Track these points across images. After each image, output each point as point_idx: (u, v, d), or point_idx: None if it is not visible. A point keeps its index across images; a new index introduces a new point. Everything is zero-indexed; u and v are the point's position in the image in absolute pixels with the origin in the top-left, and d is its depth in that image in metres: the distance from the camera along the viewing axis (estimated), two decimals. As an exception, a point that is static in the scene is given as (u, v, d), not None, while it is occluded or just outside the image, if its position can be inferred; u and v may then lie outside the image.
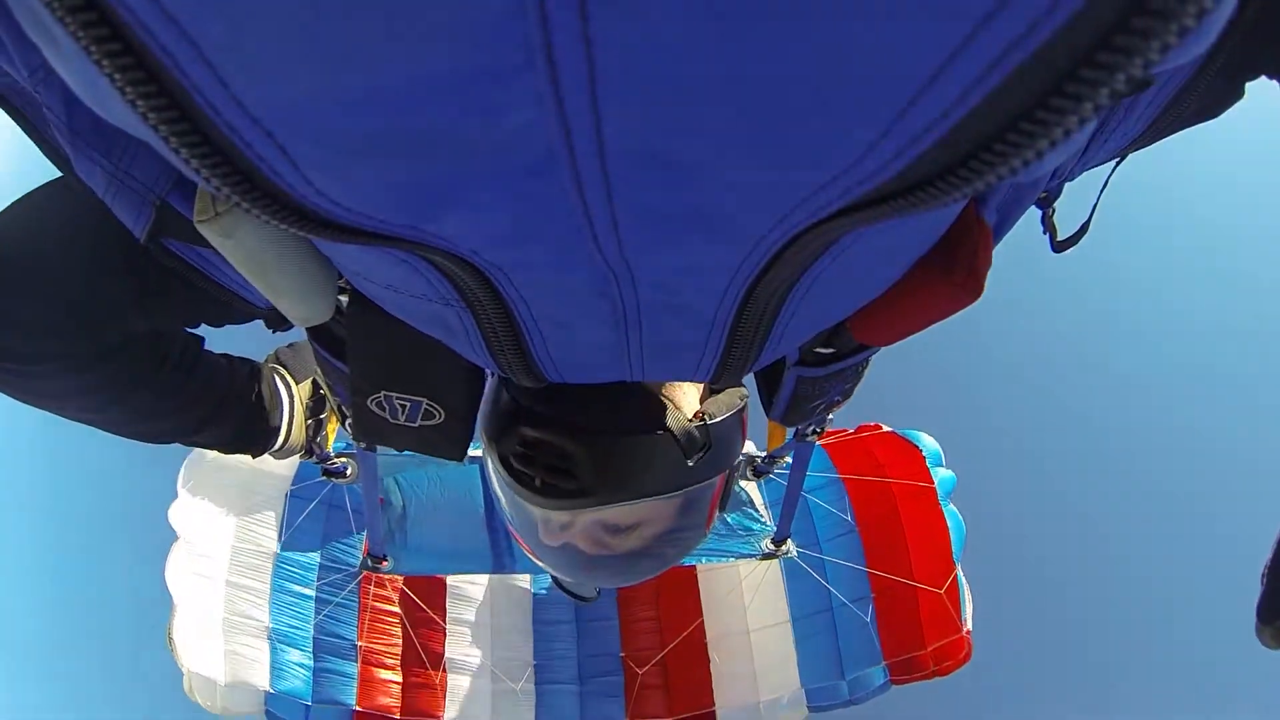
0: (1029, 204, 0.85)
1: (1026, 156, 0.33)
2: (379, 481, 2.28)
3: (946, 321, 0.79)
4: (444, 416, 1.00)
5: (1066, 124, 0.31)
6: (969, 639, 2.62)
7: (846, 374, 1.10)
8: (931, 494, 2.64)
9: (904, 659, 2.69)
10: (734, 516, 2.62)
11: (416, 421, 1.01)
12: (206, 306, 1.05)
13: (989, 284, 0.71)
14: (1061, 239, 1.04)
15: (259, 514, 2.60)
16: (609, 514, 0.92)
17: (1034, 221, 0.99)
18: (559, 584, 1.40)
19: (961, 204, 0.67)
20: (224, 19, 0.30)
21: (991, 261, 0.71)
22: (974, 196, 0.57)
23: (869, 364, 1.13)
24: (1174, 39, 0.26)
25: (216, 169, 0.38)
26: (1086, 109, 0.30)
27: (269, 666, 2.52)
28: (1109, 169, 0.92)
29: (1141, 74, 0.28)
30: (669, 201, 0.41)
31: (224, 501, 2.51)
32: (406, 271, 0.57)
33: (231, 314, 1.07)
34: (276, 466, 2.64)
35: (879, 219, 0.41)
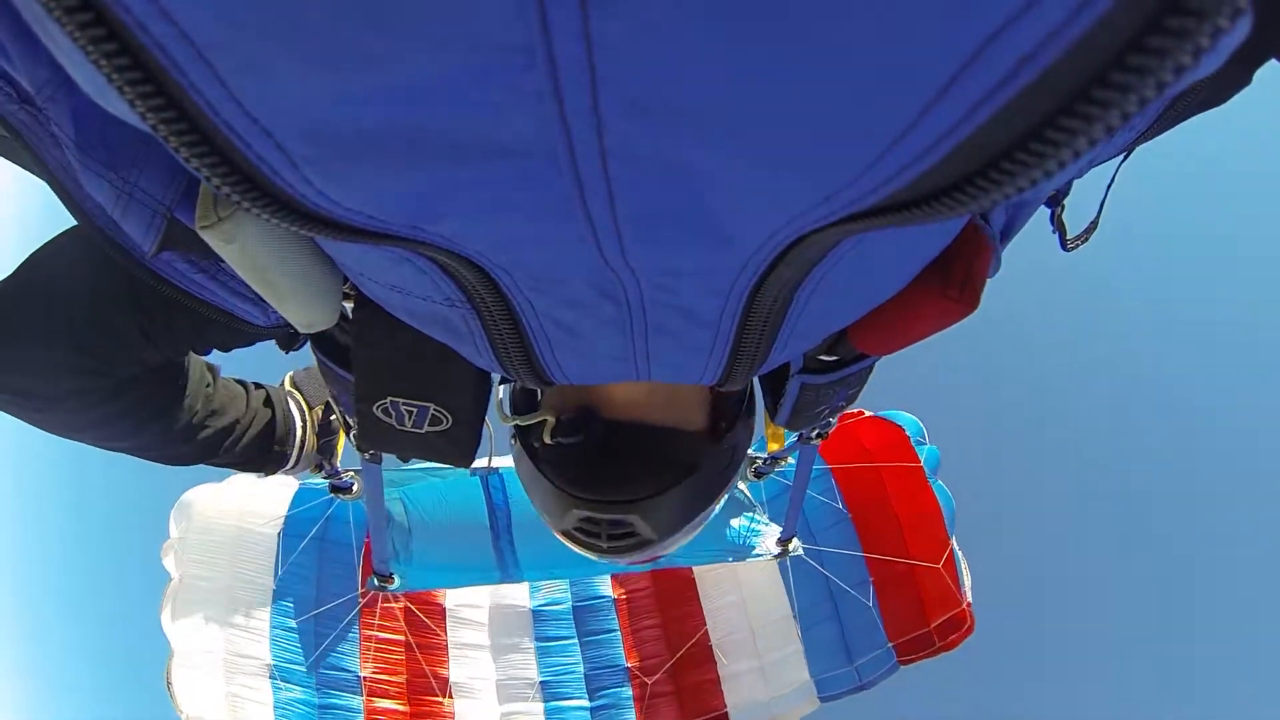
0: (1039, 204, 0.85)
1: (1034, 175, 0.32)
2: (385, 492, 2.26)
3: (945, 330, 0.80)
4: (451, 422, 0.98)
5: (1076, 145, 0.30)
6: (970, 610, 2.67)
7: (850, 380, 1.09)
8: (919, 473, 2.70)
9: (909, 638, 2.73)
10: (740, 523, 2.64)
11: (424, 427, 0.99)
12: (210, 332, 1.05)
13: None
14: (1071, 236, 1.02)
15: (253, 551, 2.56)
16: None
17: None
18: None
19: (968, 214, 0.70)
20: (221, 19, 0.30)
21: (989, 274, 0.71)
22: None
23: (872, 370, 1.12)
24: (1189, 59, 0.26)
25: (216, 168, 0.39)
26: (1097, 130, 0.29)
27: (272, 707, 2.45)
28: (1116, 164, 0.91)
29: (1155, 95, 0.27)
30: (670, 204, 0.41)
31: (217, 541, 2.47)
32: (411, 271, 0.57)
33: (235, 336, 1.07)
34: (268, 504, 2.61)
35: (880, 227, 0.41)
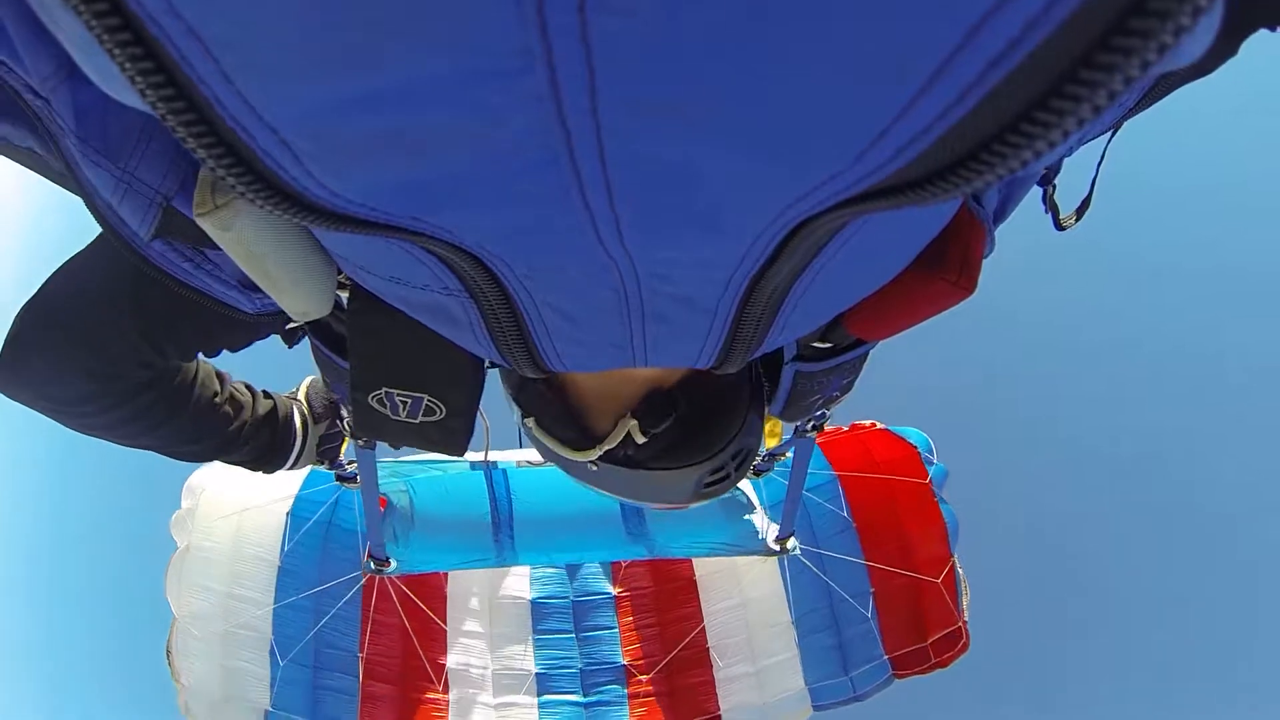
0: (1032, 184, 0.87)
1: (1025, 156, 0.34)
2: (389, 481, 2.27)
3: (939, 315, 0.81)
4: (445, 412, 1.00)
5: (1065, 125, 0.31)
6: (966, 628, 2.69)
7: (844, 369, 1.11)
8: (927, 489, 2.72)
9: (905, 652, 2.74)
10: (741, 519, 2.66)
11: (418, 417, 1.01)
12: (216, 331, 1.07)
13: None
14: (1064, 216, 1.03)
15: (261, 527, 2.56)
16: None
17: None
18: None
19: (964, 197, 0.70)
20: (228, 18, 0.31)
21: (984, 256, 0.72)
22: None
23: (867, 359, 1.13)
24: (1170, 38, 0.27)
25: (222, 159, 0.39)
26: (1085, 110, 0.30)
27: (269, 683, 2.44)
28: (1105, 140, 0.92)
29: (1140, 74, 0.28)
30: (669, 198, 0.42)
31: (227, 514, 2.47)
32: (410, 263, 0.57)
33: (235, 330, 1.08)
34: (278, 483, 2.61)
35: (876, 210, 0.43)
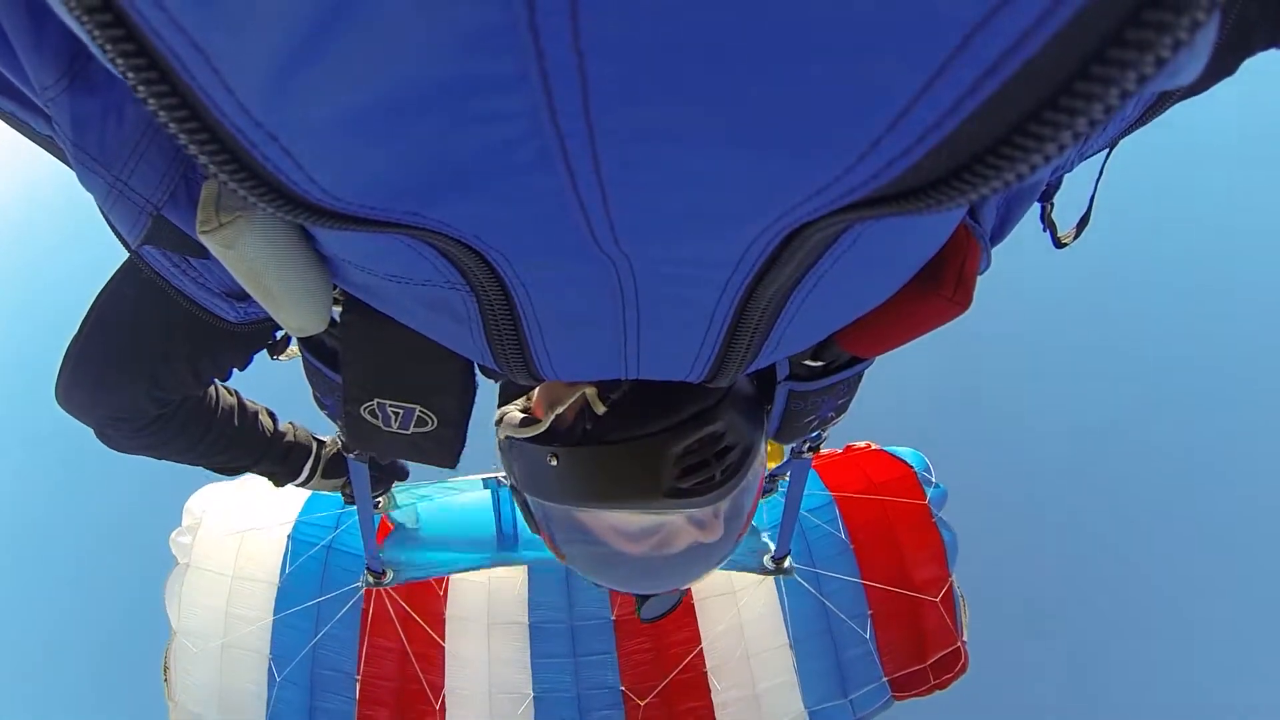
0: (1031, 201, 0.88)
1: (1021, 169, 0.33)
2: (392, 498, 2.29)
3: (932, 332, 0.81)
4: (437, 424, 1.01)
5: (1060, 139, 0.31)
6: (965, 649, 2.69)
7: (838, 389, 1.10)
8: (924, 510, 2.74)
9: (905, 674, 2.74)
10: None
11: (409, 429, 1.02)
12: (221, 351, 1.09)
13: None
14: (1062, 233, 1.05)
15: (262, 548, 2.57)
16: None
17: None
18: (639, 608, 1.41)
19: (962, 211, 0.68)
20: (224, 29, 0.31)
21: (980, 272, 0.73)
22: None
23: (861, 379, 1.13)
24: (1168, 51, 0.27)
25: (225, 165, 0.40)
26: (1080, 124, 0.30)
27: (265, 702, 2.40)
28: (1102, 158, 0.93)
29: (1135, 88, 0.28)
30: (664, 202, 0.43)
31: (228, 534, 2.47)
32: (412, 258, 0.58)
33: (236, 341, 1.09)
34: (282, 503, 2.64)
35: (872, 217, 0.43)
